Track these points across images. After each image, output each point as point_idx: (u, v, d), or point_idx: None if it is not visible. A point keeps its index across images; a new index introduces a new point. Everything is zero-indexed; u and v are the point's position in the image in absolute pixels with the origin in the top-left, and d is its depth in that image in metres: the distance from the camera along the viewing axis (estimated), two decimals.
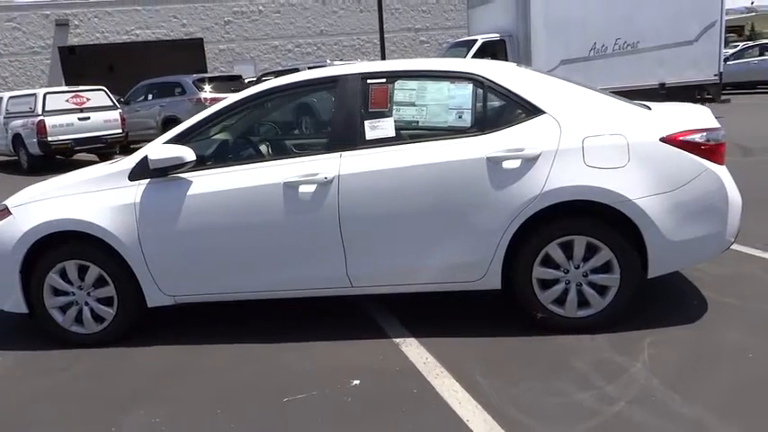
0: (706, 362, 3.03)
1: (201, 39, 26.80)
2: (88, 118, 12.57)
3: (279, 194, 3.42)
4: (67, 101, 12.46)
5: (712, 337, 3.28)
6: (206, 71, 25.04)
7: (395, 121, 3.47)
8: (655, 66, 12.64)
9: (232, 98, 3.67)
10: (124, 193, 3.57)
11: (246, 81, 16.28)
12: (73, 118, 12.39)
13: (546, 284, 3.42)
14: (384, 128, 3.46)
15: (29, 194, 3.82)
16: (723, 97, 13.19)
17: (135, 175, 3.59)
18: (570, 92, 3.49)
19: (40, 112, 12.12)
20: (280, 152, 4.18)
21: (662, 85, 12.75)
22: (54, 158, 13.01)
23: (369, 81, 3.53)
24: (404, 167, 3.35)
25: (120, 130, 13.11)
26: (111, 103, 13.15)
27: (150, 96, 15.10)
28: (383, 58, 19.21)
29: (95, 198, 3.59)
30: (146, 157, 3.54)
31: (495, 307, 3.84)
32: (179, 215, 3.50)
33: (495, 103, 3.48)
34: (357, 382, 3.08)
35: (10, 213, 3.73)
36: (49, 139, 12.10)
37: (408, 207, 3.35)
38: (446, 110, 3.48)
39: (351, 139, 3.45)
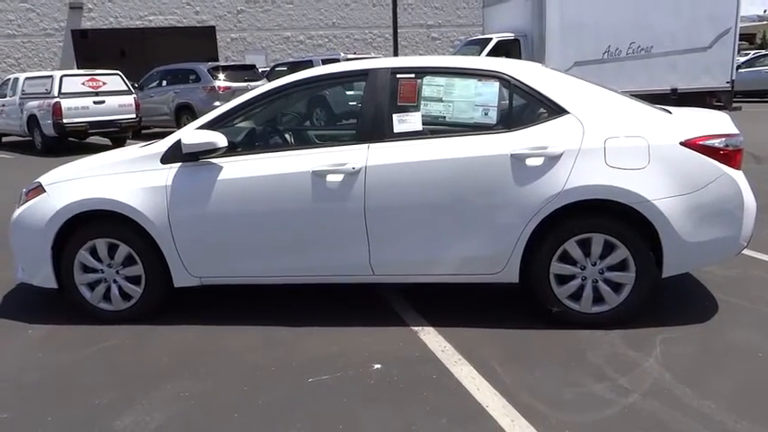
0: (717, 359, 3.14)
1: (214, 27, 26.87)
2: (103, 102, 12.68)
3: (307, 182, 3.52)
4: (83, 84, 12.57)
5: (723, 336, 3.39)
6: (217, 59, 25.12)
7: (422, 116, 3.57)
8: (667, 71, 12.70)
9: (265, 87, 3.77)
10: (156, 175, 3.68)
11: (260, 71, 16.36)
12: (88, 101, 12.50)
13: (563, 280, 3.52)
14: (411, 122, 3.56)
15: (62, 173, 3.93)
16: (734, 105, 13.23)
17: (167, 158, 3.70)
18: (593, 93, 3.58)
19: (56, 94, 12.23)
20: (309, 141, 4.29)
21: (674, 90, 12.81)
22: (67, 140, 13.13)
23: (398, 76, 3.63)
24: (429, 161, 3.45)
25: (134, 115, 13.22)
26: (126, 88, 13.27)
27: (164, 83, 15.22)
28: (396, 53, 19.27)
29: (128, 179, 3.70)
30: (178, 142, 3.64)
31: (510, 300, 3.95)
32: (209, 199, 3.60)
33: (520, 101, 3.58)
34: (379, 366, 3.19)
35: (44, 191, 3.84)
36: (64, 121, 12.21)
37: (432, 199, 3.45)
38: (472, 106, 3.58)
39: (379, 131, 3.55)
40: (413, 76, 3.64)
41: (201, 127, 3.71)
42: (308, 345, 3.48)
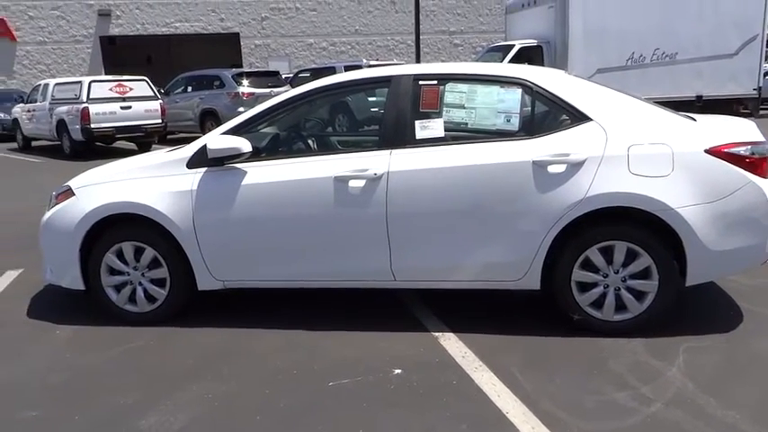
0: (741, 370, 3.10)
1: (238, 33, 27.22)
2: (130, 107, 12.92)
3: (329, 188, 3.56)
4: (111, 89, 12.82)
5: (747, 347, 3.34)
6: (241, 66, 25.42)
7: (444, 122, 3.59)
8: (692, 77, 12.59)
9: (288, 94, 3.83)
10: (182, 179, 3.75)
11: (283, 77, 16.52)
12: (115, 106, 12.75)
13: (584, 287, 3.51)
14: (434, 128, 3.58)
15: (91, 177, 4.02)
16: (761, 112, 13.05)
17: (193, 163, 3.76)
18: (616, 100, 3.57)
19: (84, 100, 12.49)
20: (331, 147, 4.33)
21: (699, 97, 12.69)
22: (94, 145, 13.38)
23: (421, 82, 3.66)
24: (452, 167, 3.46)
25: (160, 121, 13.44)
26: (153, 94, 13.50)
27: (189, 89, 15.44)
28: (418, 59, 19.32)
29: (155, 183, 3.77)
30: (204, 147, 3.71)
31: (531, 306, 3.94)
32: (233, 203, 3.66)
33: (542, 108, 3.58)
34: (399, 371, 3.20)
35: (73, 194, 3.94)
36: (92, 126, 12.46)
37: (454, 206, 3.47)
38: (495, 113, 3.59)
39: (401, 137, 3.58)
40: (435, 82, 3.67)
41: (226, 132, 3.77)
42: (329, 349, 3.51)
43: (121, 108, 12.85)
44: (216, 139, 3.68)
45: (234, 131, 3.76)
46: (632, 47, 12.32)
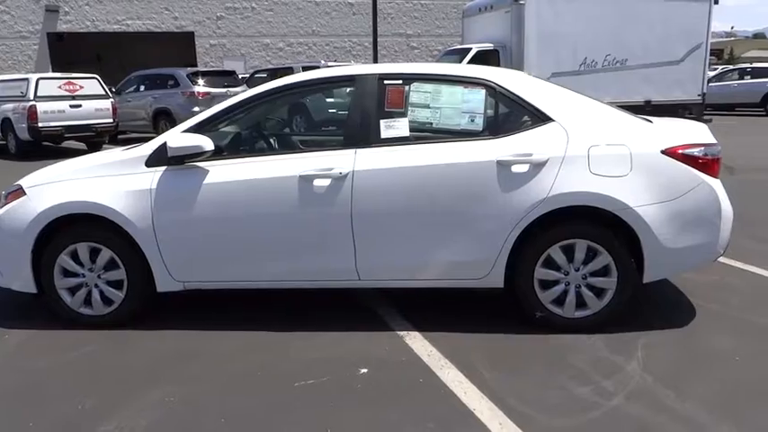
0: (696, 363, 3.21)
1: (192, 33, 26.72)
2: (80, 106, 12.52)
3: (294, 187, 3.52)
4: (60, 87, 12.40)
5: (701, 341, 3.46)
6: (196, 65, 24.94)
7: (409, 122, 3.60)
8: (642, 83, 12.96)
9: (251, 91, 3.78)
10: (140, 178, 3.64)
11: (240, 77, 16.31)
12: (65, 105, 12.34)
13: (546, 285, 3.57)
14: (399, 127, 3.58)
15: (43, 176, 3.87)
16: (705, 117, 13.55)
17: (152, 161, 3.67)
18: (577, 102, 3.65)
19: (31, 98, 12.04)
20: (295, 146, 4.29)
21: (648, 102, 13.07)
22: (42, 144, 12.91)
23: (386, 82, 3.66)
24: (417, 166, 3.48)
25: (112, 120, 13.08)
26: (104, 92, 13.12)
27: (142, 87, 15.07)
28: (375, 61, 19.36)
29: (112, 182, 3.66)
30: (163, 145, 3.62)
31: (494, 305, 3.98)
32: (194, 203, 3.58)
33: (505, 109, 3.63)
34: (365, 370, 3.19)
35: (24, 194, 3.78)
36: (40, 125, 12.03)
37: (419, 205, 3.48)
38: (459, 113, 3.62)
39: (366, 136, 3.57)
40: (400, 82, 3.67)
41: (187, 130, 3.69)
42: (292, 350, 3.46)
43: (71, 107, 12.44)
44: (177, 138, 3.59)
45: (195, 129, 3.68)
46: (585, 52, 12.60)
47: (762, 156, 10.05)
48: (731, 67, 26.43)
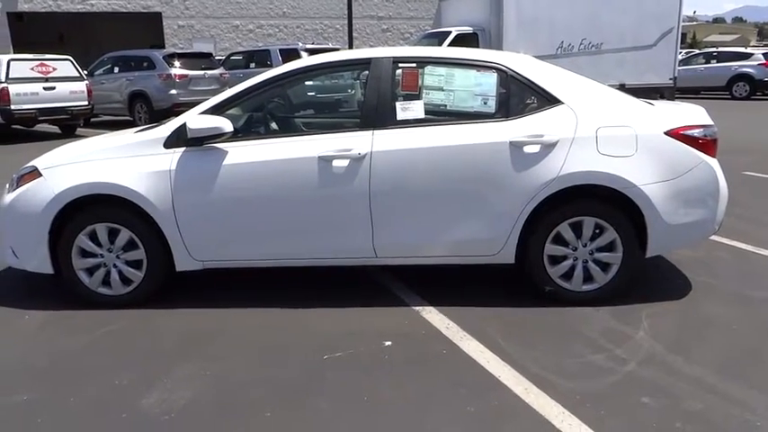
0: (698, 331, 3.43)
1: (160, 13, 26.17)
2: (54, 88, 12.24)
3: (313, 167, 3.61)
4: (32, 69, 12.08)
5: (698, 311, 3.69)
6: (163, 47, 24.46)
7: (424, 104, 3.71)
8: (616, 67, 13.26)
9: (269, 73, 3.83)
10: (160, 159, 3.69)
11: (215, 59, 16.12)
12: (38, 87, 12.04)
13: (555, 260, 3.74)
14: (414, 109, 3.69)
15: (59, 157, 3.88)
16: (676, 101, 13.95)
17: (171, 143, 3.71)
18: (584, 85, 3.81)
19: (3, 80, 11.71)
20: (313, 127, 4.36)
21: (622, 85, 13.36)
22: (13, 128, 12.60)
23: (400, 65, 3.76)
24: (432, 147, 3.60)
25: (87, 103, 12.81)
26: (78, 74, 12.83)
27: (116, 69, 14.78)
28: (350, 44, 19.31)
29: (130, 163, 3.69)
30: (182, 126, 3.66)
31: (503, 280, 4.15)
32: (213, 183, 3.64)
33: (517, 91, 3.76)
34: (389, 343, 3.33)
35: (40, 175, 3.79)
36: (12, 107, 11.73)
37: (434, 184, 3.61)
38: (472, 96, 3.75)
39: (382, 118, 3.68)
40: (414, 65, 3.78)
41: (205, 112, 3.74)
42: (315, 325, 3.57)
43: (44, 89, 12.15)
44: (196, 119, 3.64)
45: (213, 111, 3.73)
46: (561, 36, 12.84)
47: (733, 137, 10.43)
48: (696, 51, 27.08)
